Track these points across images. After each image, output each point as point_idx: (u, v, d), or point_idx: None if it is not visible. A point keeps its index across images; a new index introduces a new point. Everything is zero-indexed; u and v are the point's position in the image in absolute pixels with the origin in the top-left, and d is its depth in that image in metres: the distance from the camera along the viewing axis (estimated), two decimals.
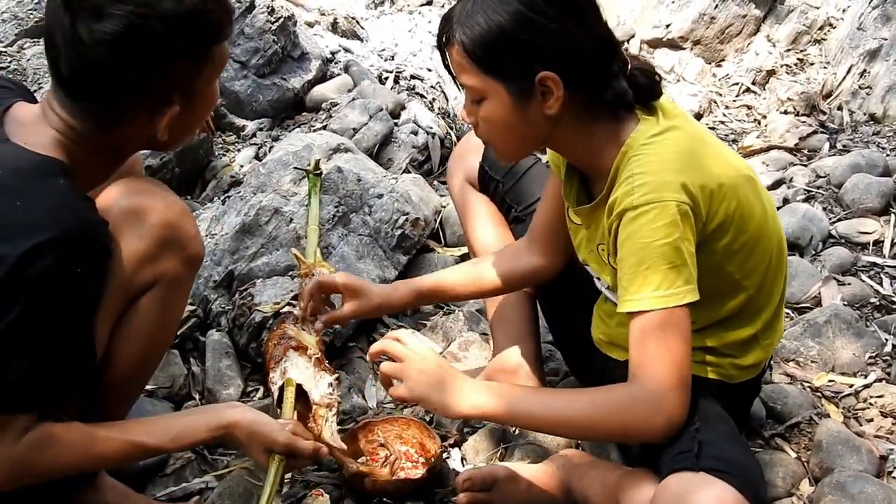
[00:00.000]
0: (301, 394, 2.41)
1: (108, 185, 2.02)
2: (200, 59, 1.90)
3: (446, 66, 2.14)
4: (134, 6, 1.74)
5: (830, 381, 2.88)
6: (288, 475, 2.45)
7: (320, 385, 2.43)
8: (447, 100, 5.03)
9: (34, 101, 2.01)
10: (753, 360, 2.25)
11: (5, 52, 3.82)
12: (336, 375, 2.49)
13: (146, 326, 2.06)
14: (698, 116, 5.34)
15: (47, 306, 1.76)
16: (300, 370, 2.44)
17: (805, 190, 4.22)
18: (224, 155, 4.34)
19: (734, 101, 5.70)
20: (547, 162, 2.47)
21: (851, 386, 2.84)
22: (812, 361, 2.95)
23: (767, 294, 2.22)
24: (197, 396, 2.80)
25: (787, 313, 3.21)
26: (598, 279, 2.31)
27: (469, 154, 2.83)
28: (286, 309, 2.67)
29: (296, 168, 3.38)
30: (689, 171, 1.97)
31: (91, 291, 1.88)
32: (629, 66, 2.09)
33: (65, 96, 1.86)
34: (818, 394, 2.82)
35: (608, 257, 2.15)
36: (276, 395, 2.44)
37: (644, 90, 2.10)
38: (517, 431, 2.60)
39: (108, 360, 2.03)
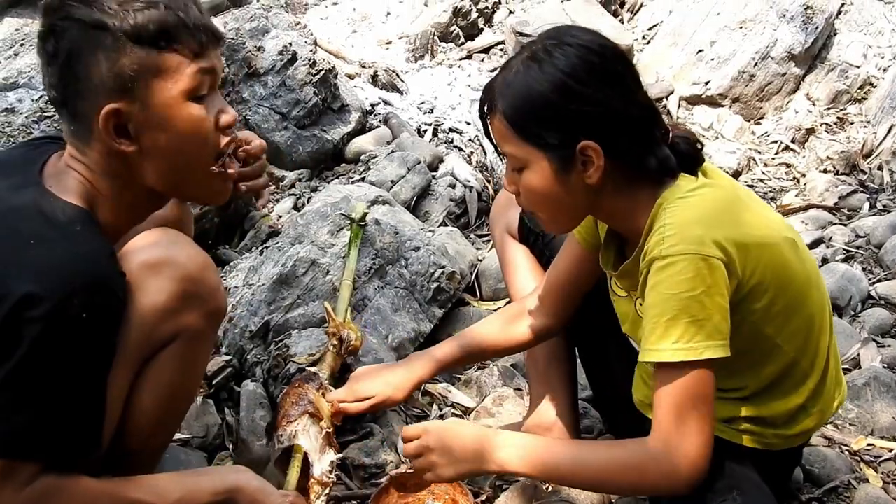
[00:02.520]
0: (302, 461, 2.42)
1: (135, 236, 2.04)
2: (143, 62, 1.87)
3: (487, 135, 2.14)
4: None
5: (870, 444, 2.85)
6: None
7: (323, 460, 2.43)
8: (485, 153, 5.04)
9: None
10: (801, 429, 2.22)
11: None
12: (340, 454, 2.50)
13: (167, 380, 2.06)
14: (737, 174, 5.33)
15: (51, 352, 1.76)
16: (311, 439, 2.44)
17: (844, 250, 4.19)
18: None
19: (773, 158, 5.69)
20: None
21: (891, 450, 2.81)
22: (851, 424, 2.91)
23: (812, 360, 2.18)
24: (230, 447, 2.80)
25: None
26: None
27: (511, 205, 2.80)
28: (314, 369, 2.67)
29: (342, 214, 3.40)
30: (724, 227, 1.96)
31: (101, 342, 1.87)
32: (671, 134, 2.09)
33: (64, 125, 1.93)
34: (857, 458, 2.79)
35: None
36: (278, 453, 2.46)
37: (687, 157, 2.10)
38: (549, 488, 2.58)
39: (130, 414, 2.03)
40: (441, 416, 3.09)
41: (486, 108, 2.10)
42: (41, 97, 3.91)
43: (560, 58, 1.99)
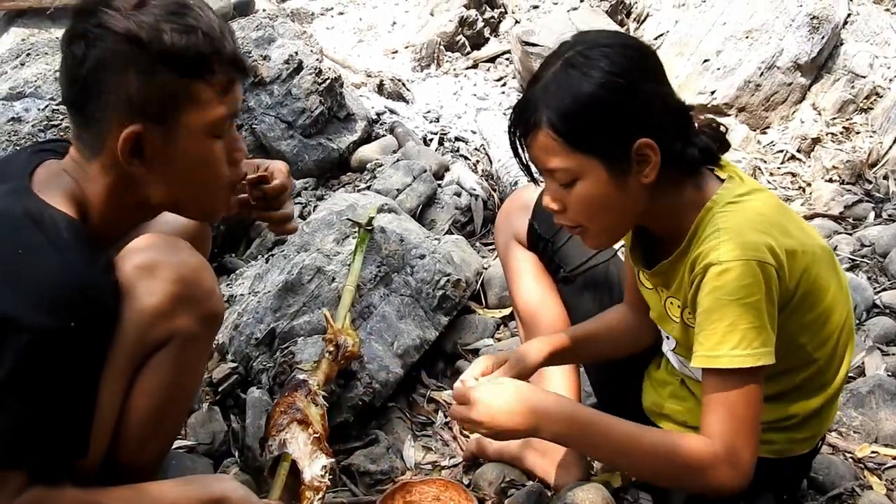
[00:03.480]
0: (295, 468, 2.42)
1: (131, 242, 2.04)
2: (179, 91, 1.88)
3: (518, 157, 2.08)
4: (107, 15, 1.83)
5: (874, 452, 2.85)
6: None
7: (314, 465, 2.43)
8: (491, 162, 5.05)
9: None
10: (809, 434, 2.23)
11: (59, 109, 3.89)
12: (333, 459, 2.50)
13: (161, 383, 2.05)
14: None
15: (39, 362, 1.76)
16: (299, 446, 2.45)
17: (850, 259, 4.19)
18: None
19: (779, 168, 5.68)
20: None
21: (895, 458, 2.81)
22: (855, 432, 2.92)
23: (836, 368, 2.19)
24: (236, 453, 2.81)
25: None
26: (668, 338, 2.29)
27: (517, 212, 2.81)
28: (302, 377, 2.67)
29: (348, 219, 3.41)
30: (776, 234, 1.95)
31: (89, 351, 1.88)
32: (697, 125, 2.08)
33: (72, 128, 1.95)
34: (861, 465, 2.79)
35: (682, 312, 2.13)
36: (269, 463, 2.46)
37: (719, 143, 2.09)
38: (553, 494, 2.58)
39: (125, 417, 2.03)
40: (447, 423, 3.10)
41: (524, 126, 2.02)
42: (47, 107, 3.92)
43: (600, 58, 1.94)
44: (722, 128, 2.14)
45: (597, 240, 2.18)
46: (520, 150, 2.07)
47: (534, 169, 2.11)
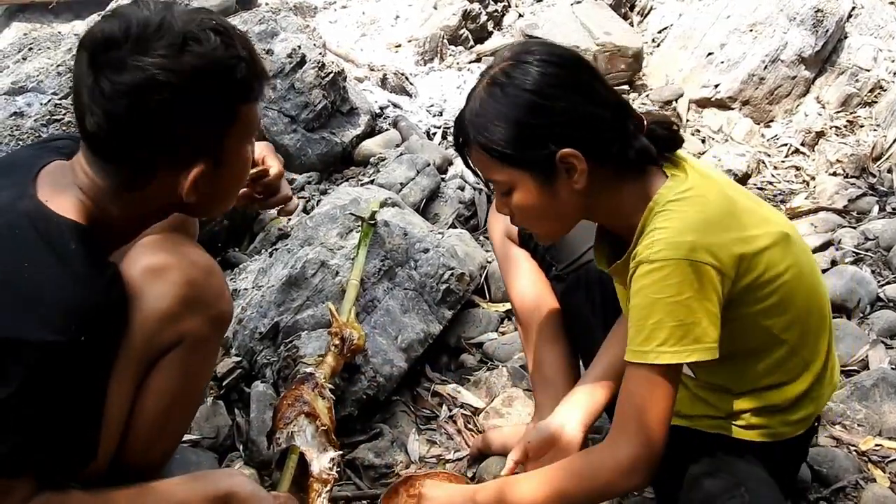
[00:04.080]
0: (302, 460, 2.43)
1: (138, 242, 2.03)
2: (225, 117, 1.89)
3: (467, 165, 2.18)
4: (154, 59, 1.75)
5: (878, 445, 2.85)
6: None
7: (322, 458, 2.44)
8: None
9: None
10: (804, 415, 2.25)
11: (61, 104, 3.88)
12: (340, 452, 2.50)
13: (170, 386, 2.06)
14: (746, 177, 5.32)
15: (49, 377, 1.76)
16: (307, 438, 2.45)
17: (853, 252, 4.18)
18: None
19: (783, 161, 5.67)
20: None
21: None
22: (859, 425, 2.92)
23: (813, 347, 2.21)
24: (241, 447, 2.81)
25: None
26: None
27: None
28: (309, 370, 2.67)
29: (352, 213, 3.41)
30: (715, 232, 1.99)
31: (98, 360, 1.88)
32: (645, 123, 2.12)
33: (91, 154, 1.87)
34: (865, 458, 2.79)
35: None
36: (276, 456, 2.47)
37: (666, 141, 2.14)
38: None
39: (133, 419, 2.04)
40: (451, 417, 3.10)
41: (460, 141, 2.13)
42: (50, 101, 3.92)
43: (519, 76, 2.02)
44: (675, 126, 2.19)
45: (545, 239, 2.34)
46: (468, 161, 2.17)
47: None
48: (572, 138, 2.01)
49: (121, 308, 1.92)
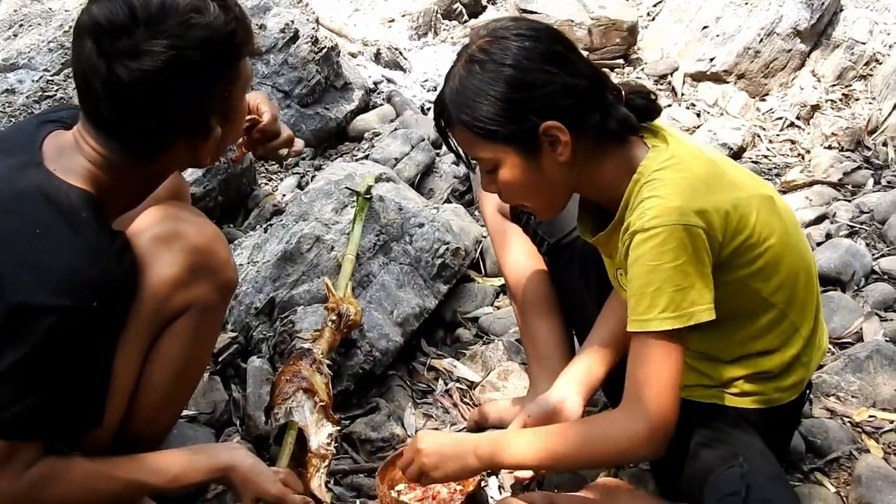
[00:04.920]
0: (300, 435, 2.44)
1: (143, 211, 2.04)
2: (231, 79, 1.92)
3: (449, 146, 2.19)
4: (168, 39, 1.77)
5: (871, 416, 2.86)
6: None
7: (320, 433, 2.45)
8: None
9: None
10: (796, 380, 2.27)
11: (52, 80, 3.87)
12: (338, 427, 2.50)
13: (179, 353, 2.08)
14: (741, 150, 5.31)
15: (62, 342, 1.78)
16: (305, 414, 2.46)
17: (848, 225, 4.19)
18: (267, 184, 4.39)
19: (778, 135, 5.67)
20: None
21: (892, 422, 2.83)
22: (853, 396, 2.93)
23: (801, 310, 2.24)
24: (237, 422, 2.82)
25: (829, 347, 3.18)
26: None
27: None
28: (307, 346, 2.68)
29: (347, 188, 3.40)
30: (702, 195, 2.02)
31: (108, 327, 1.90)
32: (623, 93, 2.14)
33: (105, 136, 1.88)
34: (858, 429, 2.80)
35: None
36: (275, 431, 2.47)
37: (645, 110, 2.17)
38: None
39: (141, 386, 2.05)
40: (447, 391, 3.11)
41: (442, 122, 2.14)
42: (41, 78, 3.91)
43: (498, 52, 2.04)
44: (652, 95, 2.21)
45: (542, 215, 2.33)
46: (450, 141, 2.18)
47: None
48: (554, 111, 2.02)
49: (131, 275, 1.94)
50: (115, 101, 1.81)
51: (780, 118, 5.83)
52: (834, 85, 6.01)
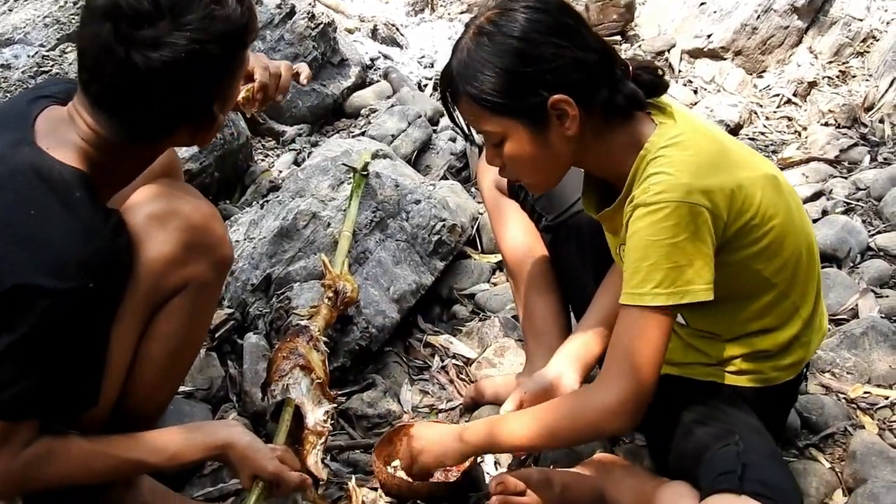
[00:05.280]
0: (297, 412, 2.44)
1: (137, 188, 2.04)
2: (237, 67, 1.93)
3: (453, 120, 2.18)
4: (191, 33, 1.76)
5: (866, 392, 2.87)
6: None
7: (317, 411, 2.45)
8: None
9: None
10: (794, 360, 2.27)
11: (48, 56, 3.86)
12: (335, 405, 2.51)
13: (175, 330, 2.07)
14: (738, 127, 5.31)
15: (59, 323, 1.78)
16: (302, 391, 2.46)
17: (844, 202, 4.19)
18: (263, 160, 4.38)
19: (775, 112, 5.67)
20: None
21: (887, 398, 2.83)
22: (848, 373, 2.93)
23: (802, 291, 2.23)
24: (234, 398, 2.82)
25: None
26: None
27: None
28: (304, 323, 2.68)
29: (343, 164, 3.40)
30: (708, 174, 2.00)
31: (105, 306, 1.90)
32: (631, 68, 2.12)
33: (103, 114, 1.86)
34: (853, 405, 2.81)
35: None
36: (272, 408, 2.48)
37: (652, 87, 2.14)
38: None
39: (138, 364, 2.04)
40: (443, 368, 3.11)
41: (448, 95, 2.12)
42: (37, 53, 3.90)
43: (506, 24, 2.02)
44: (659, 71, 2.19)
45: (536, 189, 2.34)
46: (454, 115, 2.16)
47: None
48: (563, 84, 2.00)
49: (126, 254, 1.93)
50: (126, 88, 1.79)
51: (777, 95, 5.83)
52: (831, 62, 6.01)
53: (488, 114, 2.05)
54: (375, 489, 2.53)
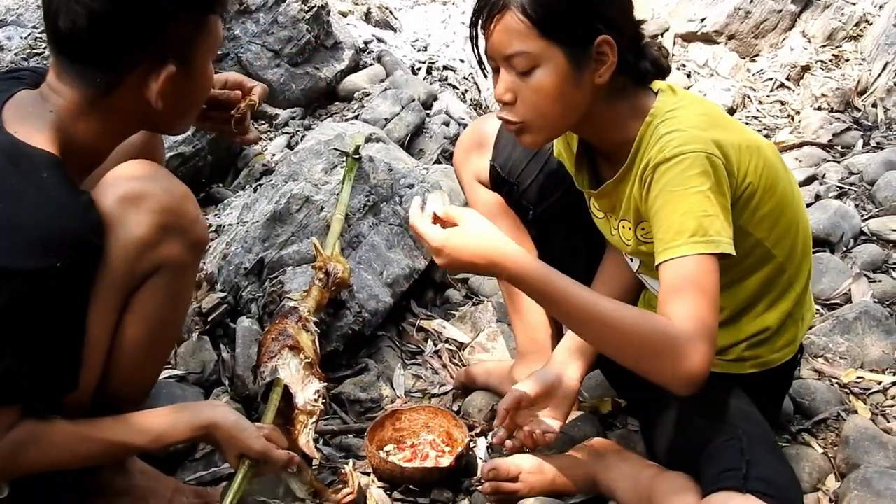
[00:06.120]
0: (287, 393, 2.43)
1: (110, 169, 2.02)
2: (195, 24, 1.90)
3: (475, 47, 2.09)
4: None
5: (859, 377, 2.87)
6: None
7: (307, 390, 2.44)
8: (479, 91, 5.03)
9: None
10: (789, 338, 2.27)
11: (41, 37, 3.85)
12: (325, 384, 2.50)
13: (153, 312, 2.06)
14: (731, 111, 5.32)
15: (31, 304, 1.76)
16: (291, 371, 2.45)
17: (837, 186, 4.19)
18: (256, 144, 4.37)
19: (768, 96, 5.67)
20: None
21: (880, 383, 2.84)
22: (841, 358, 2.94)
23: (798, 266, 2.23)
24: (226, 382, 2.82)
25: (817, 309, 3.20)
26: (632, 260, 2.30)
27: (475, 151, 2.71)
28: (293, 304, 2.67)
29: (336, 148, 3.39)
30: (717, 130, 2.00)
31: (76, 288, 1.87)
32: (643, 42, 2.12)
33: (63, 60, 1.86)
34: (846, 390, 2.82)
35: (635, 231, 2.16)
36: (262, 389, 2.47)
37: (658, 65, 2.13)
38: None
39: (117, 347, 2.03)
40: (436, 352, 3.11)
41: (491, 7, 2.00)
42: (30, 35, 3.88)
43: None
44: (664, 50, 2.17)
45: (534, 136, 2.13)
46: (478, 41, 2.08)
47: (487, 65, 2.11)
48: (615, 28, 1.97)
49: (97, 233, 1.90)
50: (76, 10, 1.79)
51: (771, 79, 5.83)
52: (824, 46, 6.00)
53: (535, 32, 1.96)
54: (368, 474, 2.53)
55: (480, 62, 2.11)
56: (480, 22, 2.05)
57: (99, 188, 1.96)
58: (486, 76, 2.05)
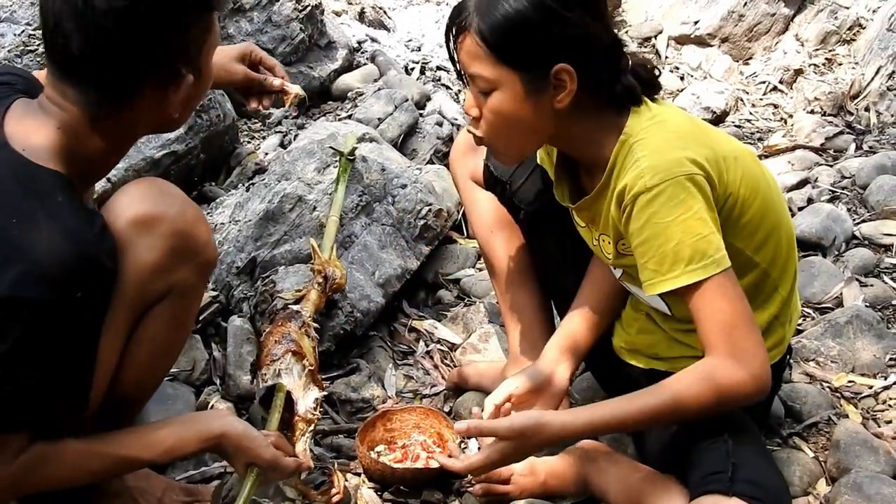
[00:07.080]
0: (287, 399, 2.43)
1: (121, 189, 2.00)
2: (203, 27, 1.88)
3: (451, 56, 2.11)
4: None
5: (850, 381, 2.88)
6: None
7: (307, 398, 2.45)
8: None
9: (39, 89, 1.93)
10: (775, 340, 2.26)
11: (35, 34, 3.83)
12: (325, 392, 2.50)
13: (160, 335, 2.07)
14: (724, 115, 5.32)
15: (45, 331, 1.74)
16: (293, 378, 2.45)
17: (830, 190, 4.20)
18: (249, 142, 4.36)
19: (761, 99, 5.67)
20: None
21: (871, 387, 2.84)
22: (832, 362, 2.94)
23: (782, 270, 2.23)
24: (217, 381, 2.82)
25: (808, 313, 3.21)
26: (614, 268, 2.30)
27: (470, 151, 2.75)
28: (297, 307, 2.67)
29: (330, 147, 3.39)
30: (693, 146, 2.00)
31: (91, 314, 1.86)
32: (630, 63, 2.10)
33: (71, 82, 1.81)
34: (837, 394, 2.82)
35: (615, 245, 2.16)
36: (262, 392, 2.47)
37: (648, 85, 2.12)
38: None
39: (123, 367, 2.04)
40: (428, 353, 3.11)
41: (455, 26, 2.05)
42: (23, 32, 3.86)
43: None
44: (656, 71, 2.17)
45: (505, 157, 2.24)
46: (453, 50, 2.10)
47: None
48: (573, 55, 1.97)
49: (112, 258, 1.88)
50: (85, 34, 1.73)
51: (764, 82, 5.83)
52: (817, 49, 6.01)
53: (492, 58, 2.00)
54: (358, 474, 2.54)
55: (454, 64, 2.13)
56: (451, 37, 2.09)
57: (111, 209, 1.94)
58: (465, 84, 2.07)
